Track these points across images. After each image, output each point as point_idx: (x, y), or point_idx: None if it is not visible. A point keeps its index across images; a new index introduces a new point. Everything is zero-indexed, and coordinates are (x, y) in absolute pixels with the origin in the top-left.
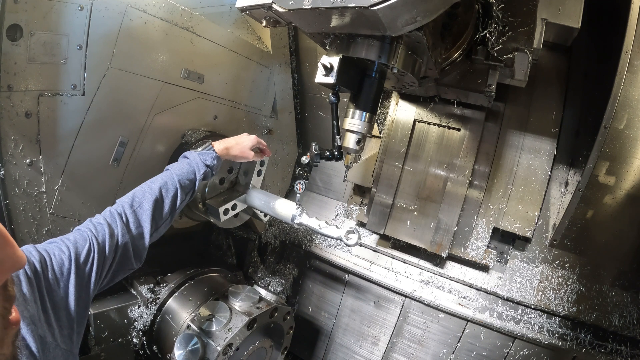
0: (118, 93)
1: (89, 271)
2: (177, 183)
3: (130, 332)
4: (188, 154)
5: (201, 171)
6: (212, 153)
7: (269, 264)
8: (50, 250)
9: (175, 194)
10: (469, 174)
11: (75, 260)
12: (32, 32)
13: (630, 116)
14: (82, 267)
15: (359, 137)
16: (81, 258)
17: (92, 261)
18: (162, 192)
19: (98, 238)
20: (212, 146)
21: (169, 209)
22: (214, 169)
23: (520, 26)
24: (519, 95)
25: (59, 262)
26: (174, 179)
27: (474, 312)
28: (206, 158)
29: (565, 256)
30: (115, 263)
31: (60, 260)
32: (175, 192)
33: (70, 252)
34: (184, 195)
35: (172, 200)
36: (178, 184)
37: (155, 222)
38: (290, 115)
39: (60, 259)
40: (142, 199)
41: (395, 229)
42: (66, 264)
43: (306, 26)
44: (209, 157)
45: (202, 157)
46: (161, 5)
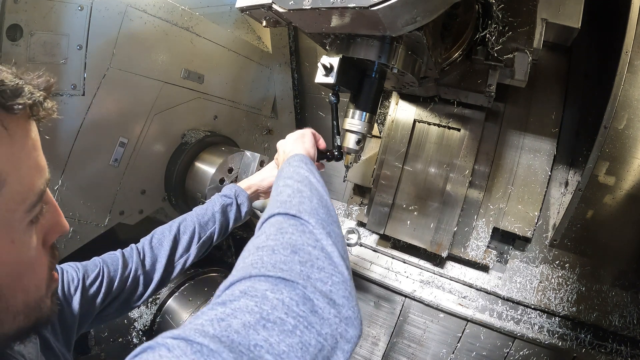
0: (118, 93)
1: (94, 293)
2: (195, 220)
3: (130, 332)
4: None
5: (218, 203)
6: (232, 185)
7: None
8: (65, 267)
9: (193, 231)
10: (469, 174)
11: (82, 280)
12: (32, 32)
13: (630, 116)
14: (88, 288)
15: (359, 137)
16: (88, 280)
17: (99, 285)
18: (180, 229)
19: (110, 267)
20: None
21: (186, 245)
22: (234, 198)
23: (520, 26)
24: (519, 95)
25: (69, 279)
26: (193, 216)
27: (474, 312)
28: (224, 191)
29: (565, 256)
30: (123, 295)
31: (70, 277)
32: (193, 228)
33: (80, 272)
34: (204, 231)
35: (189, 237)
36: (196, 220)
37: (172, 258)
38: (290, 115)
39: (71, 276)
40: (161, 236)
41: (395, 229)
42: (75, 282)
43: (306, 26)
44: (226, 189)
45: (221, 192)
46: (161, 5)
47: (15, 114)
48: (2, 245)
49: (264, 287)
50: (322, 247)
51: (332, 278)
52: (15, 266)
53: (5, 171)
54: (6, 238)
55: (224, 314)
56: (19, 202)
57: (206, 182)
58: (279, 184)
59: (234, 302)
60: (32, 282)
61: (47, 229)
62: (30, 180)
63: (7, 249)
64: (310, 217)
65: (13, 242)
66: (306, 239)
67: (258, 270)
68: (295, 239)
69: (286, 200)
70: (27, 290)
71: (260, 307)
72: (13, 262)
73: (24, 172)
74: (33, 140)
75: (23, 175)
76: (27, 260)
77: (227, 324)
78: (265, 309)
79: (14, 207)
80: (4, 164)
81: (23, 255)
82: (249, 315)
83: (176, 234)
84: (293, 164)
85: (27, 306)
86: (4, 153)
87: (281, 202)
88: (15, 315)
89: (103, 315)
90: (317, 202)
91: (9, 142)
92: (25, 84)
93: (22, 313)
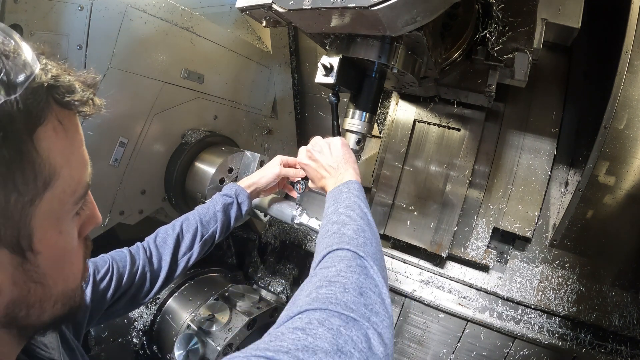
0: (118, 93)
1: (104, 288)
2: (197, 219)
3: (130, 332)
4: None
5: (219, 203)
6: (231, 185)
7: (269, 264)
8: None
9: (195, 229)
10: (469, 173)
11: (93, 275)
12: (32, 32)
13: (630, 116)
14: (99, 283)
15: (359, 137)
16: (99, 275)
17: (109, 280)
18: (182, 228)
19: (119, 263)
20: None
21: (189, 243)
22: (235, 198)
23: (520, 26)
24: (519, 95)
25: None
26: (195, 215)
27: (474, 312)
28: (225, 190)
29: (565, 256)
30: (131, 292)
31: None
32: (196, 227)
33: (91, 268)
34: (206, 230)
35: (192, 235)
36: (198, 219)
37: (175, 256)
38: (290, 115)
39: None
40: (165, 234)
41: (395, 229)
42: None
43: (306, 26)
44: (227, 189)
45: (222, 191)
46: (161, 5)
47: (70, 110)
48: (52, 235)
49: (338, 323)
50: (379, 293)
51: (384, 322)
52: (60, 256)
53: (60, 164)
54: (56, 229)
55: (307, 340)
56: (70, 195)
57: (206, 182)
58: (340, 211)
59: (313, 331)
60: (71, 272)
61: (84, 220)
62: (79, 173)
63: (55, 239)
64: (374, 262)
65: (61, 233)
66: (369, 284)
67: (334, 306)
68: (362, 281)
69: (353, 237)
70: (67, 280)
71: (336, 340)
72: (59, 253)
73: (75, 165)
74: (81, 135)
75: (74, 169)
76: (70, 251)
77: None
78: (340, 342)
79: (65, 199)
80: (59, 158)
81: (67, 245)
82: (328, 345)
83: (179, 232)
84: (354, 193)
85: (65, 295)
86: (60, 147)
87: (349, 238)
88: (54, 304)
89: (111, 311)
90: (376, 246)
91: (64, 137)
92: (76, 80)
93: (60, 301)
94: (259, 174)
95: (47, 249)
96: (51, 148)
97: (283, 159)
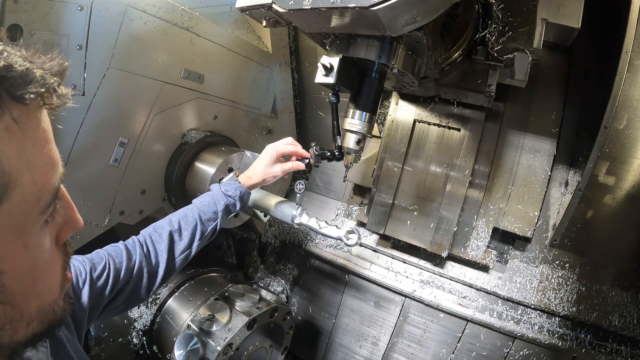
0: (118, 93)
1: (102, 285)
2: (197, 216)
3: (130, 332)
4: (212, 186)
5: (222, 203)
6: (234, 184)
7: (269, 264)
8: (72, 261)
9: (194, 227)
10: (469, 173)
11: (90, 273)
12: (32, 32)
13: (630, 116)
14: (96, 281)
15: (359, 137)
16: (96, 273)
17: (106, 277)
18: (180, 225)
19: (115, 259)
20: (236, 177)
21: (187, 241)
22: (237, 200)
23: (520, 26)
24: (519, 95)
25: (77, 272)
26: (194, 212)
27: (474, 312)
28: (228, 189)
29: (565, 256)
30: (129, 287)
31: (78, 270)
32: (195, 225)
33: (87, 265)
34: (205, 228)
35: (191, 233)
36: (198, 217)
37: (173, 254)
38: (290, 115)
39: (79, 269)
40: (162, 230)
41: (395, 229)
42: (83, 275)
43: (306, 26)
44: (230, 188)
45: (224, 188)
46: (161, 5)
47: (26, 104)
48: (15, 252)
49: None
50: None
51: None
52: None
53: (17, 170)
54: (18, 244)
55: None
56: (33, 204)
57: (206, 182)
58: None
59: None
60: (45, 286)
61: (61, 226)
62: (45, 177)
63: (19, 256)
64: None
65: (26, 248)
66: None
67: None
68: None
69: None
70: (41, 295)
71: None
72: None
73: (38, 169)
74: (46, 131)
75: (36, 173)
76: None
77: None
78: None
79: (28, 209)
80: (15, 162)
81: (37, 259)
82: None
83: (178, 229)
84: None
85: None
86: (15, 150)
87: None
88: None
89: (111, 308)
90: None
91: (21, 137)
92: (37, 68)
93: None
94: (260, 174)
95: (12, 267)
96: (4, 152)
97: (278, 151)
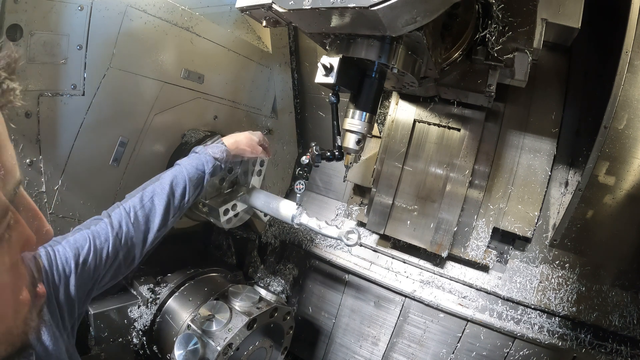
0: (118, 93)
1: (89, 270)
2: (186, 177)
3: (130, 332)
4: (197, 148)
5: (210, 165)
6: (221, 146)
7: (269, 264)
8: (55, 247)
9: (184, 188)
10: (469, 174)
11: (75, 259)
12: (32, 32)
13: (630, 116)
14: (82, 266)
15: (359, 137)
16: (81, 257)
17: (91, 260)
18: (172, 187)
19: (100, 238)
20: (221, 140)
21: (178, 203)
22: (222, 162)
23: (520, 26)
24: (519, 95)
25: (62, 261)
26: (183, 173)
27: (474, 312)
28: (215, 151)
29: (565, 256)
30: (117, 260)
31: (63, 259)
32: (185, 186)
33: (72, 251)
34: (193, 189)
35: (181, 194)
36: (187, 178)
37: (165, 217)
38: (290, 115)
39: (64, 257)
40: (152, 194)
41: (395, 229)
42: (68, 262)
43: (306, 26)
44: (217, 151)
45: (212, 150)
46: (161, 5)
47: None
48: None
49: None
50: None
51: None
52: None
53: None
54: None
55: None
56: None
57: None
58: None
59: None
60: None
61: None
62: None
63: None
64: None
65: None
66: None
67: None
68: None
69: None
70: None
71: None
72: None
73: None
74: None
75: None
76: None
77: None
78: None
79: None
80: None
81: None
82: None
83: (170, 192)
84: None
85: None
86: None
87: None
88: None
89: (101, 285)
90: None
91: None
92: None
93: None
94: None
95: None
96: None
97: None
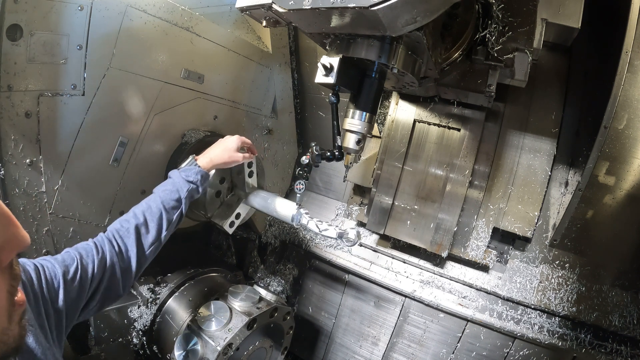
0: (118, 93)
1: (77, 287)
2: (160, 206)
3: (130, 332)
4: (171, 173)
5: (184, 189)
6: (194, 168)
7: (269, 264)
8: (44, 263)
9: (160, 217)
10: (469, 174)
11: (63, 276)
12: (32, 32)
13: (630, 116)
14: (70, 283)
15: (359, 137)
16: (69, 275)
17: (80, 279)
18: (146, 218)
19: (87, 258)
20: (195, 161)
21: (155, 233)
22: (199, 184)
23: (520, 26)
24: (519, 95)
25: (50, 275)
26: (157, 202)
27: (474, 312)
28: (188, 175)
29: (565, 256)
30: (103, 285)
31: (52, 273)
32: (160, 215)
33: (61, 268)
34: (171, 216)
35: (157, 224)
36: (162, 206)
37: (142, 247)
38: (290, 115)
39: (53, 272)
40: (128, 225)
41: (395, 229)
42: (57, 278)
43: (306, 26)
44: (191, 173)
45: (185, 174)
46: (161, 5)
47: None
48: None
49: None
50: None
51: None
52: None
53: None
54: None
55: None
56: None
57: None
58: None
59: None
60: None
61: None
62: None
63: None
64: None
65: None
66: None
67: None
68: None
69: None
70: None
71: None
72: None
73: None
74: None
75: None
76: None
77: None
78: None
79: None
80: None
81: None
82: None
83: (144, 222)
84: None
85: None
86: None
87: None
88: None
89: (89, 309)
90: None
91: None
92: None
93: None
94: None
95: None
96: None
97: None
